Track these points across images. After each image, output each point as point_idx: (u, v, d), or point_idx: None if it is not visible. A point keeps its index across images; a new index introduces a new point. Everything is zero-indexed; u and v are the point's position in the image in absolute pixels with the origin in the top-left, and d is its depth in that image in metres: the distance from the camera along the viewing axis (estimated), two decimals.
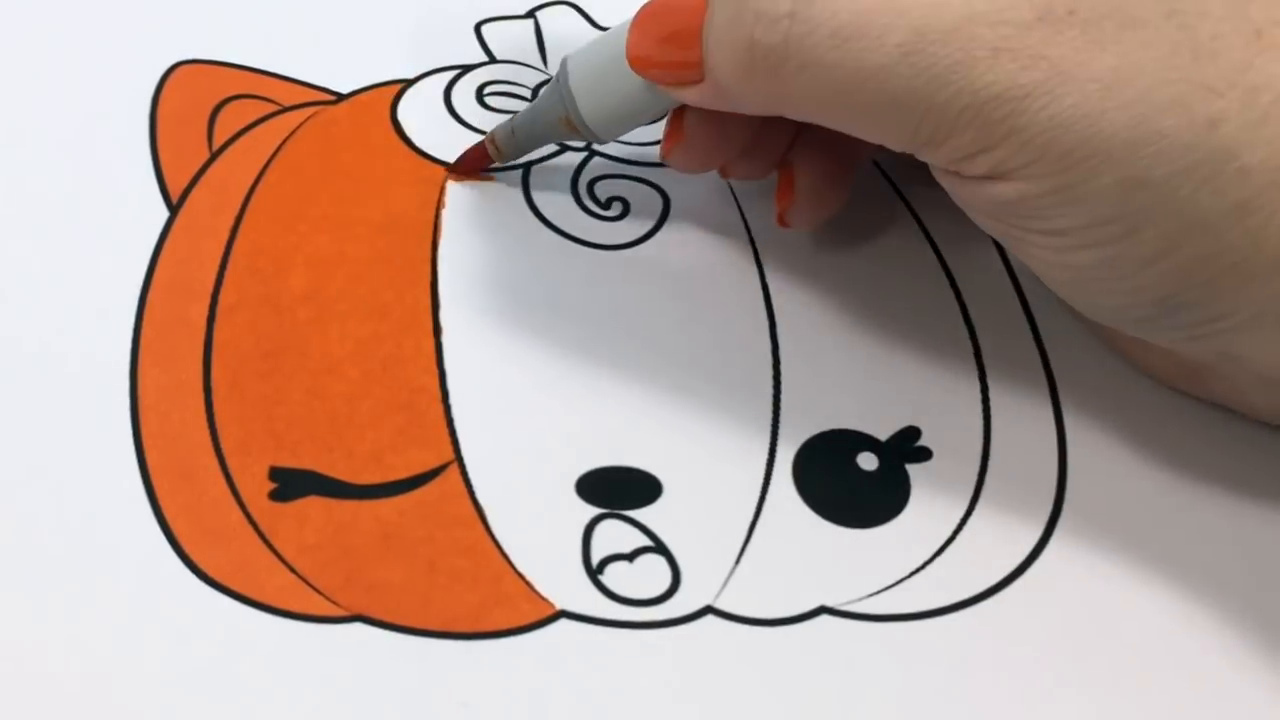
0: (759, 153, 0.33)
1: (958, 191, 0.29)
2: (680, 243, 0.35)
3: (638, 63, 0.31)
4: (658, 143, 0.37)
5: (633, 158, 0.37)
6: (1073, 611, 0.30)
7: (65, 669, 0.28)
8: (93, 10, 0.40)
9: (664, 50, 0.30)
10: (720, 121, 0.32)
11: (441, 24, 0.40)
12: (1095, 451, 0.32)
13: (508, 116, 0.36)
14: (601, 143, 0.34)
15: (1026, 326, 0.34)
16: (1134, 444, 0.32)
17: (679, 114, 0.32)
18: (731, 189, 0.37)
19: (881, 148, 0.29)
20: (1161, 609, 0.30)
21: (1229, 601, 0.30)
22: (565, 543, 0.30)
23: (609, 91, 0.32)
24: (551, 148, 0.37)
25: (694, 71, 0.30)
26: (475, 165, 0.36)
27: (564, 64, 0.33)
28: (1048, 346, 0.34)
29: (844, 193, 0.34)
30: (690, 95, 0.30)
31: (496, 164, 0.36)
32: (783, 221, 0.34)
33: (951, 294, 0.35)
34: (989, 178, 0.28)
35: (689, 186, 0.36)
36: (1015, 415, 0.33)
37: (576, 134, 0.33)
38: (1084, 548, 0.31)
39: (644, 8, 0.31)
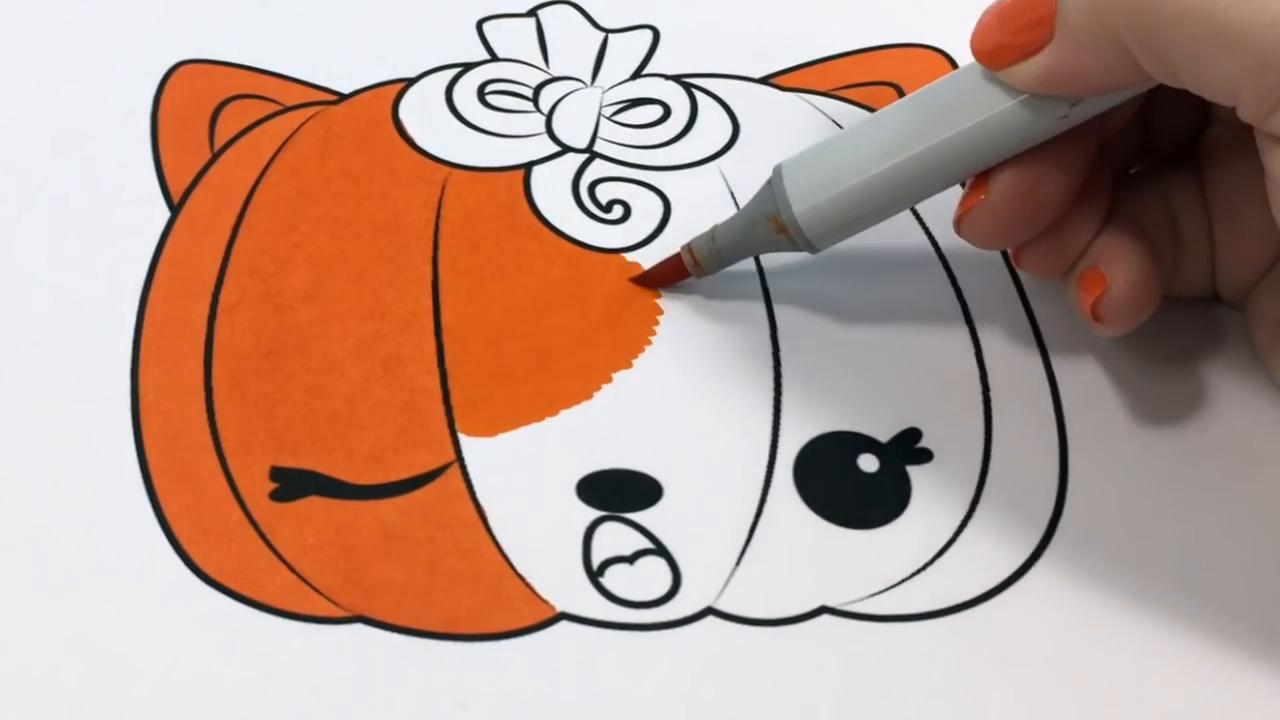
0: (1063, 237, 0.31)
1: None
2: (681, 245, 0.35)
3: (986, 44, 0.29)
4: (662, 144, 0.37)
5: (633, 160, 0.37)
6: (1072, 614, 0.30)
7: (66, 668, 0.28)
8: (93, 10, 0.40)
9: (1015, 20, 0.28)
10: (1032, 182, 0.30)
11: (442, 22, 0.40)
12: (1096, 454, 0.32)
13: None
14: (815, 252, 0.32)
15: (1028, 327, 0.34)
16: (1135, 446, 0.32)
17: (983, 176, 0.30)
18: (732, 192, 0.37)
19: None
20: (1161, 611, 0.30)
21: (1229, 604, 0.30)
22: (566, 545, 0.30)
23: (833, 194, 0.31)
24: None
25: (1044, 29, 0.28)
26: (669, 278, 0.34)
27: (777, 170, 0.32)
28: (1049, 348, 0.34)
29: (1159, 291, 0.31)
30: (1032, 68, 0.28)
31: (694, 277, 0.33)
32: (1095, 315, 0.31)
33: (953, 294, 0.35)
34: None
35: (689, 189, 0.36)
36: (1016, 417, 0.33)
37: (790, 242, 0.32)
38: (1084, 550, 0.31)
39: (992, 8, 0.29)
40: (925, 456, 0.32)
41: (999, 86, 0.29)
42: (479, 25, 0.40)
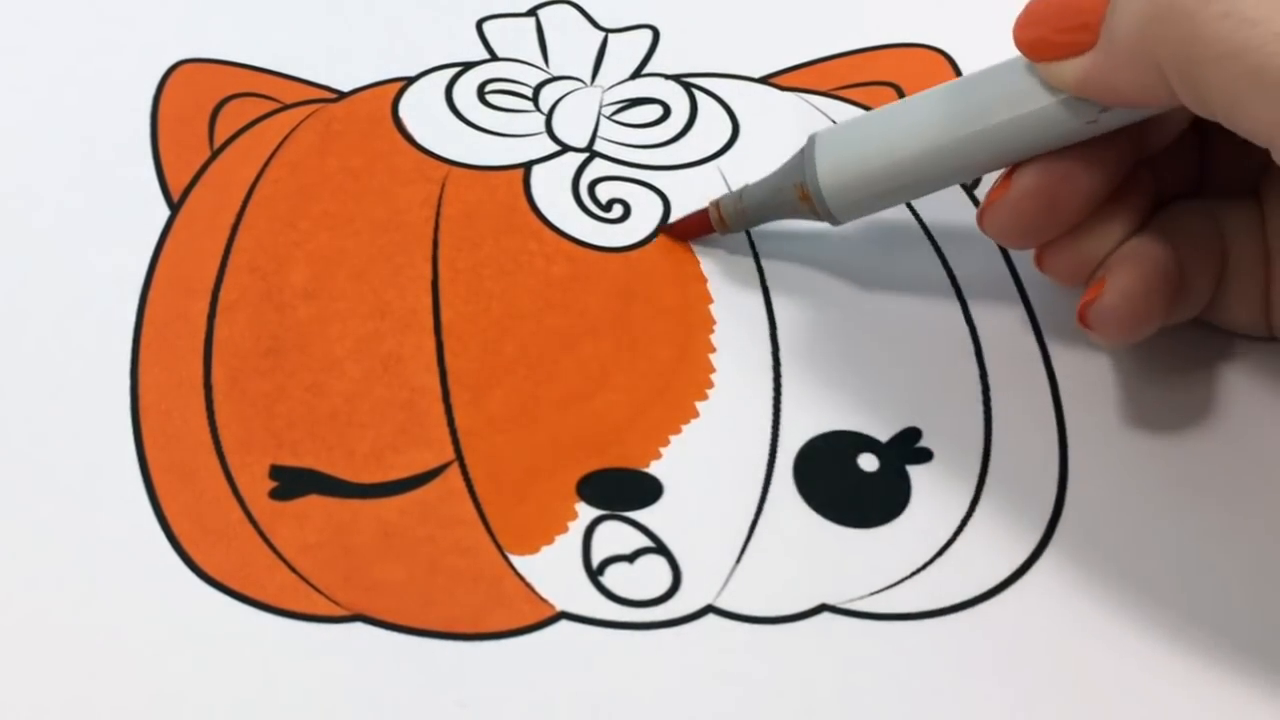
0: (1083, 243, 0.31)
1: None
2: (680, 244, 0.35)
3: (1028, 34, 0.29)
4: (662, 144, 0.37)
5: (633, 160, 0.37)
6: (1072, 614, 0.30)
7: (65, 668, 0.28)
8: (93, 10, 0.40)
9: (1062, 19, 0.28)
10: (1054, 182, 0.30)
11: (442, 21, 0.40)
12: (1096, 453, 0.32)
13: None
14: (837, 224, 0.32)
15: (1029, 326, 0.34)
16: (1135, 446, 0.32)
17: (1009, 172, 0.31)
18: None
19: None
20: (1162, 610, 0.30)
21: (1230, 603, 0.30)
22: (566, 544, 0.30)
23: (860, 170, 0.31)
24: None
25: (1088, 35, 0.28)
26: (693, 232, 0.34)
27: (811, 139, 0.32)
28: (1049, 347, 0.34)
29: (1160, 312, 0.31)
30: (1072, 69, 0.28)
31: (717, 233, 0.34)
32: (1082, 318, 0.31)
33: (953, 293, 0.35)
34: None
35: (689, 189, 0.36)
36: (1016, 416, 0.33)
37: (811, 211, 0.32)
38: (1084, 549, 0.31)
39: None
40: (925, 456, 0.32)
41: (1034, 84, 0.29)
42: (479, 25, 0.40)
